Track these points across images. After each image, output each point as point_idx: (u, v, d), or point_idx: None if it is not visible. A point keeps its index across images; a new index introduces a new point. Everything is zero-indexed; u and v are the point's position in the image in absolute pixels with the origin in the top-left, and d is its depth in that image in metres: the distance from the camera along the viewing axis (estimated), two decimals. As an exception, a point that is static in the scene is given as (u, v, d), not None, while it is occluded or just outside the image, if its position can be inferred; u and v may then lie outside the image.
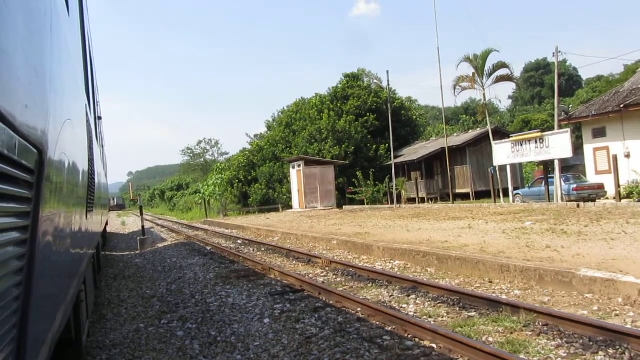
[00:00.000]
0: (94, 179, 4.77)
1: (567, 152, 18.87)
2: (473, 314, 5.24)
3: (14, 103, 1.15)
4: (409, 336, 4.63)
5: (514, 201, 22.42)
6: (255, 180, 37.83)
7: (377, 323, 5.16)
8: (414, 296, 6.24)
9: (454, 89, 26.79)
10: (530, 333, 4.46)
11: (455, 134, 36.95)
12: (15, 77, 1.17)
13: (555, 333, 4.38)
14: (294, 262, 10.07)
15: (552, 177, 21.00)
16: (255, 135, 51.30)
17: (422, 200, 30.22)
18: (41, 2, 1.64)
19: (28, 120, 1.30)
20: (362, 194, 30.38)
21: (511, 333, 4.51)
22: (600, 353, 3.85)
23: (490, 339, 4.39)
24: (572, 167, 29.33)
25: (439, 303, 5.80)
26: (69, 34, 2.75)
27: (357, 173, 30.68)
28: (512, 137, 21.94)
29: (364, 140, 35.05)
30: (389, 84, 29.91)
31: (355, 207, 27.83)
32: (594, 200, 19.05)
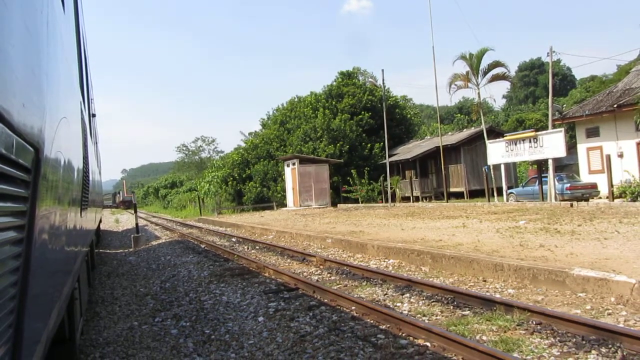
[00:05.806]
0: (89, 177, 4.75)
1: (560, 152, 18.98)
2: (467, 312, 5.27)
3: (12, 102, 1.14)
4: (403, 335, 4.65)
5: (507, 200, 22.51)
6: (250, 178, 37.72)
7: (372, 321, 5.18)
8: (408, 295, 6.26)
9: (449, 87, 26.85)
10: (523, 332, 4.49)
11: (449, 133, 37.02)
12: (13, 76, 1.16)
13: (548, 332, 4.41)
14: (289, 260, 10.07)
15: (546, 177, 21.11)
16: (250, 133, 51.06)
17: (417, 199, 30.29)
18: None
19: (25, 119, 1.29)
20: (356, 192, 30.42)
21: (505, 332, 4.54)
22: (593, 352, 3.88)
23: (484, 338, 4.42)
24: (566, 166, 29.49)
25: (433, 302, 5.83)
26: (65, 31, 2.73)
27: (352, 171, 30.70)
28: (506, 136, 22.01)
29: (359, 138, 35.06)
30: (384, 83, 29.88)
31: (350, 205, 27.86)
32: (587, 200, 19.18)
